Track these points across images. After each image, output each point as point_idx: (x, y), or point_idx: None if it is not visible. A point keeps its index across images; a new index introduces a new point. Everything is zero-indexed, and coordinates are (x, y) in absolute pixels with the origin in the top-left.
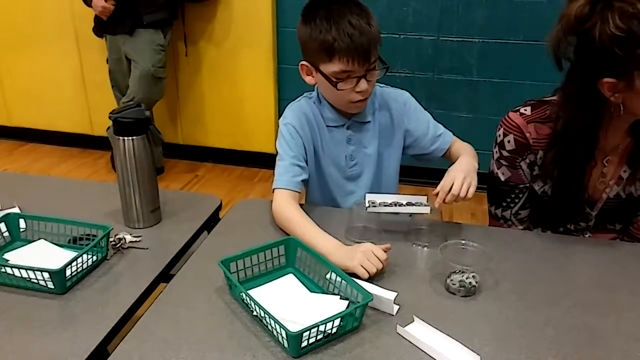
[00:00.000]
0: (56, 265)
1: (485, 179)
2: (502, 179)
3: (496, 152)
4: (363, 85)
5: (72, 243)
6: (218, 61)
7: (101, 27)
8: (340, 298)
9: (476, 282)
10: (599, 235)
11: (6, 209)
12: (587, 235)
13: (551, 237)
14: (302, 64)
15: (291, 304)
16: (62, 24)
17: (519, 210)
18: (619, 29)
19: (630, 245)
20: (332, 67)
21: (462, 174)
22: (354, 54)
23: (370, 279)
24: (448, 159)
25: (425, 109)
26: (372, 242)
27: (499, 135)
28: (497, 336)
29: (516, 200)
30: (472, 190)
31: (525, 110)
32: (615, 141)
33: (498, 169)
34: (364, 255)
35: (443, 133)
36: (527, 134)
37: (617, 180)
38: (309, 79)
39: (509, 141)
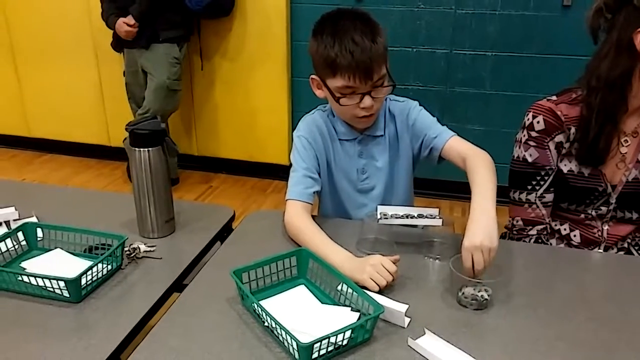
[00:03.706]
0: (72, 274)
1: (503, 193)
2: (530, 160)
3: (524, 135)
4: (367, 101)
5: (88, 252)
6: (233, 75)
7: (119, 42)
8: (352, 310)
9: (488, 296)
10: (618, 227)
11: (24, 218)
12: (605, 228)
13: (564, 251)
14: (312, 78)
15: (302, 315)
16: (81, 38)
17: (544, 193)
18: None
19: None
20: (336, 83)
21: (477, 252)
22: (355, 71)
23: (380, 291)
24: (453, 161)
25: (439, 121)
26: (381, 254)
27: (528, 119)
28: (508, 350)
29: (542, 183)
30: (492, 256)
31: (552, 97)
32: (633, 124)
33: (526, 151)
34: (374, 269)
35: (444, 130)
36: (559, 112)
37: (635, 164)
38: (319, 93)
39: (538, 122)
